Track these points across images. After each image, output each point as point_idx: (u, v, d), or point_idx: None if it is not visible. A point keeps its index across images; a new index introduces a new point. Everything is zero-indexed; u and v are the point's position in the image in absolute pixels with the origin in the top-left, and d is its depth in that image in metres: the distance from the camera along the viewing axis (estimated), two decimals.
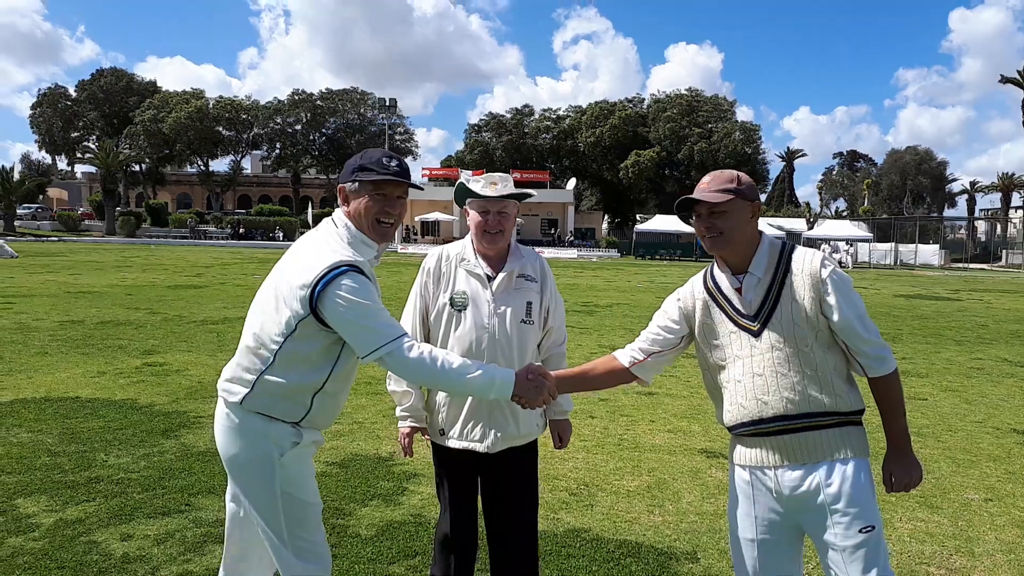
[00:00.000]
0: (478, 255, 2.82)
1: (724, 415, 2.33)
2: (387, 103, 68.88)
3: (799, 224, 52.43)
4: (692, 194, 2.28)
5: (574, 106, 71.96)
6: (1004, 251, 54.98)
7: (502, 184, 2.77)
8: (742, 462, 2.31)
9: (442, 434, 2.81)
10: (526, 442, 2.84)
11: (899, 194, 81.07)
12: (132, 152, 66.12)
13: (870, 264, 46.72)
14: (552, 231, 60.58)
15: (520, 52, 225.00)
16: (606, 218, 71.26)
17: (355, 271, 2.21)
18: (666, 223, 53.14)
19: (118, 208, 58.87)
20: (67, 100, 73.96)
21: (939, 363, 9.69)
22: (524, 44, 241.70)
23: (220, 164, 75.66)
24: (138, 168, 70.50)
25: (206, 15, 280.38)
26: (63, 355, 8.52)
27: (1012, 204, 69.92)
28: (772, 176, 79.12)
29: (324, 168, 74.70)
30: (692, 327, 2.39)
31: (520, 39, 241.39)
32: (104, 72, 74.55)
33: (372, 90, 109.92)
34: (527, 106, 72.89)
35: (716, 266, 2.37)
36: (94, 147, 62.52)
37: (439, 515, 2.94)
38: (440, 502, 2.94)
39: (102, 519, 3.96)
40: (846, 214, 75.78)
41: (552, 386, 2.41)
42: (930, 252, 50.47)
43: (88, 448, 5.14)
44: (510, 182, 2.81)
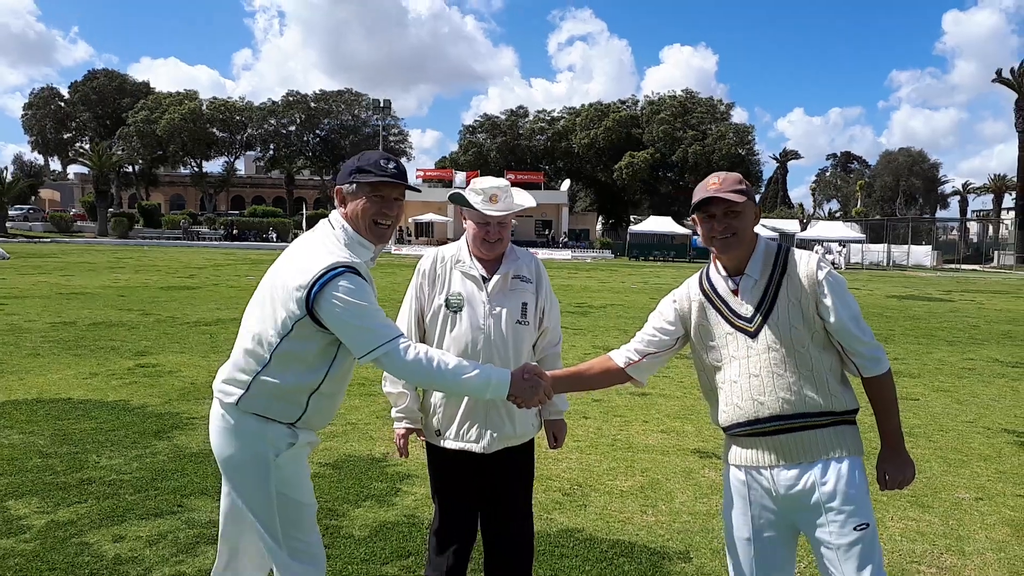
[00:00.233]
0: (473, 257, 2.82)
1: (719, 415, 2.34)
2: (381, 104, 68.82)
3: (792, 225, 52.56)
4: (695, 195, 2.28)
5: (569, 107, 72.15)
6: (996, 252, 55.26)
7: (502, 196, 2.75)
8: (737, 462, 2.31)
9: (438, 435, 2.81)
10: (522, 442, 2.85)
11: (892, 195, 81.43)
12: (125, 153, 65.86)
13: (862, 265, 46.89)
14: (546, 232, 60.61)
15: (515, 53, 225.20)
16: (600, 219, 71.32)
17: (352, 272, 2.21)
18: (660, 224, 53.25)
19: (111, 209, 58.70)
20: (60, 101, 73.67)
21: (931, 363, 9.73)
22: (519, 45, 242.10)
23: (213, 165, 75.67)
24: (131, 169, 70.29)
25: (200, 16, 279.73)
26: (55, 356, 8.49)
27: (1004, 205, 70.15)
28: (765, 177, 79.47)
29: (318, 169, 74.65)
30: (688, 328, 2.40)
31: (515, 40, 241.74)
32: (97, 73, 74.34)
33: (367, 91, 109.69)
34: (522, 107, 73.08)
35: (712, 268, 2.38)
36: (87, 149, 62.26)
37: (433, 516, 2.94)
38: (435, 503, 2.94)
39: (94, 520, 3.94)
40: (839, 215, 76.05)
41: (548, 386, 2.41)
42: (922, 253, 50.66)
43: (80, 449, 5.12)
44: (509, 192, 2.79)
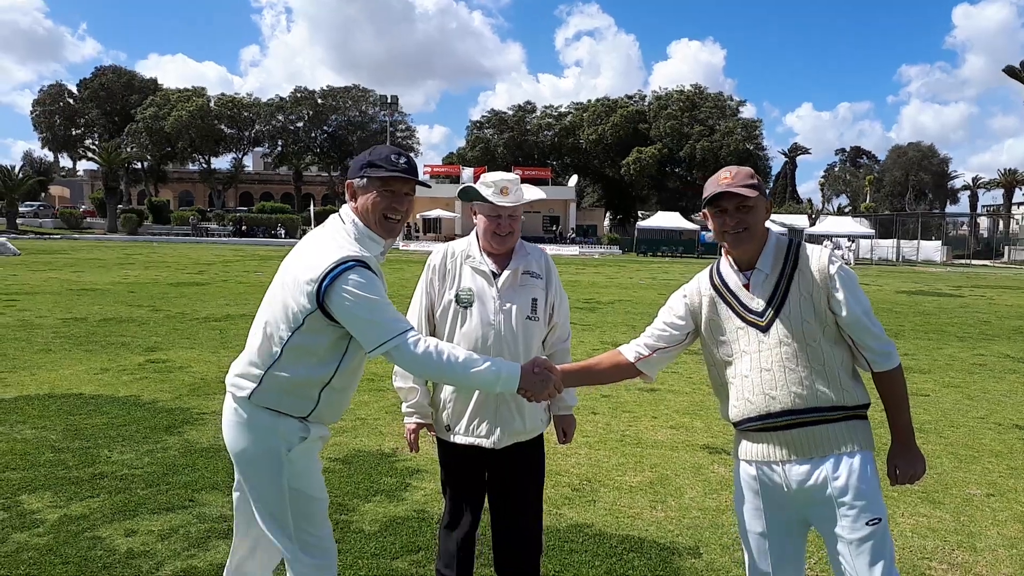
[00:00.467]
0: (483, 252, 2.82)
1: (730, 410, 2.33)
2: (388, 100, 68.84)
3: (801, 220, 52.34)
4: (706, 190, 2.28)
5: (576, 103, 71.74)
6: (1007, 247, 54.90)
7: (513, 189, 2.76)
8: (748, 457, 2.31)
9: (448, 430, 2.81)
10: (532, 437, 2.85)
11: (901, 190, 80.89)
12: (134, 150, 66.10)
13: (872, 260, 46.66)
14: (554, 228, 60.56)
15: (522, 49, 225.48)
16: (608, 215, 71.18)
17: (362, 266, 2.21)
18: (668, 220, 53.09)
19: (120, 206, 58.91)
20: (69, 98, 73.96)
21: (941, 359, 9.69)
22: (526, 41, 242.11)
23: (222, 162, 75.79)
24: (140, 166, 70.46)
25: (208, 13, 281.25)
26: (66, 352, 8.54)
27: (1015, 200, 69.68)
28: (774, 172, 79.10)
29: (326, 165, 74.65)
30: (698, 323, 2.40)
31: (522, 36, 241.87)
32: (105, 70, 74.47)
33: (374, 87, 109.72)
34: (529, 103, 72.67)
35: (723, 262, 2.37)
36: (95, 146, 62.50)
37: (443, 511, 2.95)
38: (445, 498, 2.95)
39: (106, 515, 3.97)
40: (848, 210, 75.60)
41: (558, 380, 2.42)
42: (932, 248, 50.35)
43: (92, 444, 5.15)
44: (519, 185, 2.80)
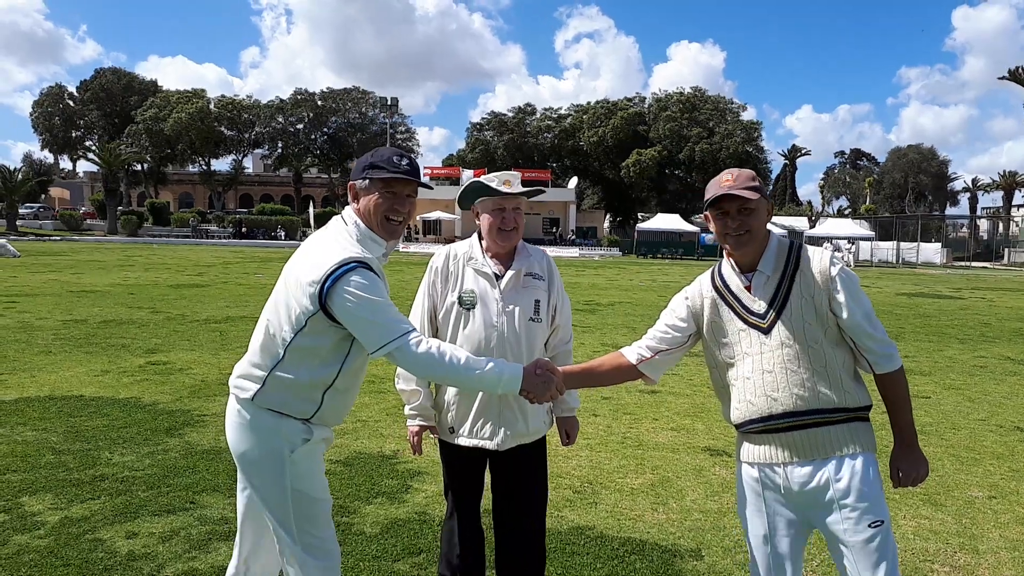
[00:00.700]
0: (486, 254, 2.83)
1: (732, 413, 2.33)
2: (388, 102, 68.84)
3: (801, 222, 52.34)
4: (708, 192, 2.28)
5: (576, 105, 71.70)
6: (1007, 249, 54.89)
7: (515, 182, 2.80)
8: (750, 459, 2.31)
9: (451, 432, 2.81)
10: (535, 439, 2.85)
11: (901, 192, 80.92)
12: (134, 151, 66.12)
13: (872, 262, 46.66)
14: (554, 230, 60.55)
15: (522, 51, 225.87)
16: (608, 217, 71.18)
17: (364, 267, 2.21)
18: (668, 222, 53.14)
19: (120, 207, 58.88)
20: (69, 99, 73.99)
21: (942, 361, 9.68)
22: (526, 43, 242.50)
23: (222, 163, 75.79)
24: (140, 167, 70.47)
25: (208, 15, 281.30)
26: (66, 354, 8.54)
27: (1014, 202, 69.72)
28: (774, 174, 79.10)
29: (326, 167, 74.66)
30: (700, 325, 2.40)
31: (522, 38, 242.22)
32: (105, 71, 74.54)
33: (374, 89, 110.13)
34: (529, 105, 72.64)
35: (724, 264, 2.37)
36: (95, 148, 62.50)
37: (446, 513, 2.95)
38: (447, 500, 2.95)
39: (107, 517, 3.97)
40: (848, 212, 75.66)
41: (560, 381, 2.42)
42: (932, 250, 50.38)
43: (92, 446, 5.15)
44: (519, 181, 2.83)
